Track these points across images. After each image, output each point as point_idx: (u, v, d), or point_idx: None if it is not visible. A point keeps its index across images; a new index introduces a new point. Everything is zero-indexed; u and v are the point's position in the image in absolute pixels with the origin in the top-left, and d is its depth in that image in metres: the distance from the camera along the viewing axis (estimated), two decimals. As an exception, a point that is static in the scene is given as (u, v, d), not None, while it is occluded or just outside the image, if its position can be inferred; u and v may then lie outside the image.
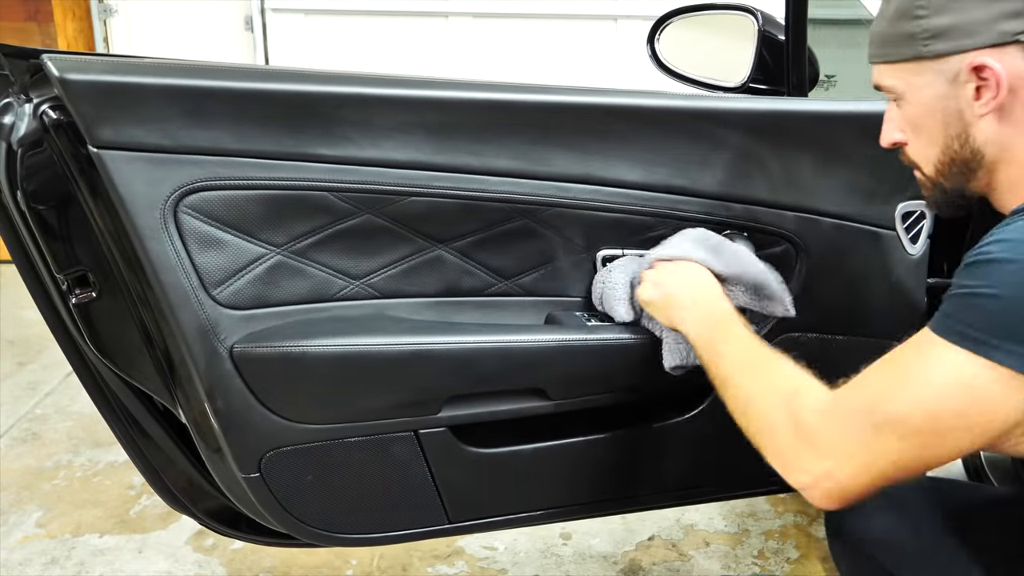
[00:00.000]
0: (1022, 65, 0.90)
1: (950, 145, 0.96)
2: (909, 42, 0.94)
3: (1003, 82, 0.89)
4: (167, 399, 1.29)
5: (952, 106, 0.94)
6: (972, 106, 0.93)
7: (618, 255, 1.32)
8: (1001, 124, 0.93)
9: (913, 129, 1.00)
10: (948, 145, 0.97)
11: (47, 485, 2.37)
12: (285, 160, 1.13)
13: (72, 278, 1.18)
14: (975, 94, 0.92)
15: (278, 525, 1.29)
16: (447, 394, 1.24)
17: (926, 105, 0.96)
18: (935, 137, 0.98)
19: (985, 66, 0.90)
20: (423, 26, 4.32)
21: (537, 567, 2.02)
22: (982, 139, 0.94)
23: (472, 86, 1.20)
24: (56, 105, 1.06)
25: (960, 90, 0.93)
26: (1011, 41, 0.89)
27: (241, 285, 1.14)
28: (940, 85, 0.94)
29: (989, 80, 0.90)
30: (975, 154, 0.95)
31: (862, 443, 0.89)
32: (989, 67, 0.89)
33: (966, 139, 0.95)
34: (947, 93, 0.94)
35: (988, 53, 0.90)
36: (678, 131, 1.27)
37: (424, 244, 1.23)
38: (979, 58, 0.90)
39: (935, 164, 1.00)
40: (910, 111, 0.99)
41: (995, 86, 0.90)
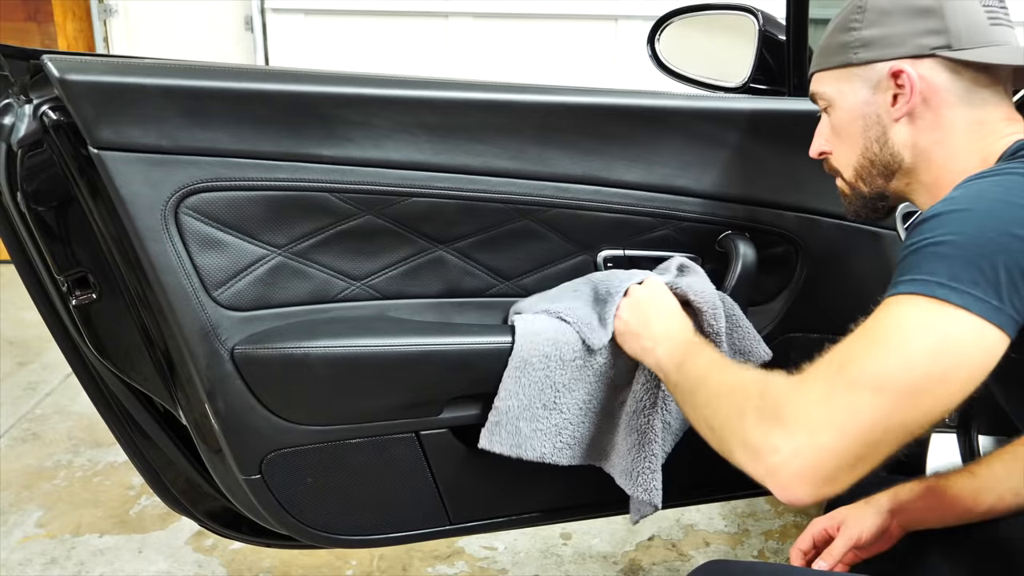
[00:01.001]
0: (934, 77, 1.00)
1: (870, 147, 1.05)
2: (842, 51, 1.05)
3: (915, 87, 0.99)
4: (167, 400, 1.29)
5: (873, 111, 1.04)
6: (889, 111, 1.02)
7: (619, 255, 1.32)
8: (915, 129, 1.02)
9: (837, 135, 1.09)
10: (868, 147, 1.05)
11: (47, 485, 2.37)
12: (285, 161, 1.13)
13: (72, 279, 1.18)
14: (892, 100, 1.02)
15: (279, 527, 1.28)
16: (448, 395, 1.24)
17: (851, 110, 1.06)
18: (856, 140, 1.06)
19: (902, 71, 1.00)
20: (423, 26, 4.32)
21: (537, 567, 2.02)
22: (899, 142, 1.03)
23: (472, 86, 1.20)
24: (56, 106, 1.06)
25: (880, 96, 1.03)
26: (928, 54, 0.99)
27: (242, 286, 1.14)
28: (864, 91, 1.04)
29: (904, 86, 1.00)
30: (893, 156, 1.04)
31: (834, 406, 0.81)
32: (905, 72, 1.00)
33: (884, 142, 1.04)
34: (869, 99, 1.04)
35: (907, 62, 1.00)
36: (678, 131, 1.27)
37: (425, 245, 1.23)
38: (898, 64, 1.00)
39: (855, 168, 1.08)
40: (837, 117, 1.08)
41: (909, 91, 1.00)
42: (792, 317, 1.36)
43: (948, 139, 1.01)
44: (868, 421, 0.81)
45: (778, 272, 1.35)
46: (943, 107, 1.00)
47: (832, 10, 1.15)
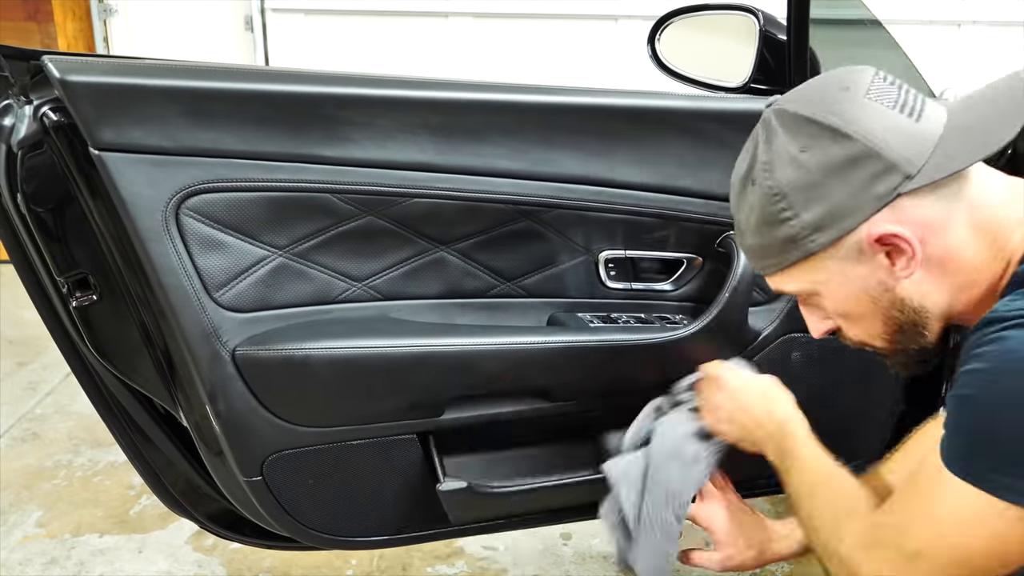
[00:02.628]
0: (918, 214, 0.85)
1: (889, 316, 0.92)
2: (792, 245, 0.89)
3: (911, 239, 0.85)
4: (168, 402, 1.29)
5: (874, 281, 0.89)
6: (892, 273, 0.88)
7: (620, 256, 1.32)
8: (926, 273, 0.88)
9: (845, 317, 0.95)
10: (889, 317, 0.92)
11: (47, 485, 2.36)
12: (287, 161, 1.12)
13: (72, 281, 1.18)
14: (889, 261, 0.87)
15: (280, 528, 1.28)
16: (449, 396, 1.24)
17: (845, 292, 0.92)
18: (872, 316, 0.93)
19: (884, 234, 0.85)
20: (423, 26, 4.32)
21: (537, 567, 2.02)
22: (917, 296, 0.90)
23: (473, 87, 1.20)
24: (57, 107, 1.05)
25: (870, 264, 0.88)
26: (893, 199, 0.84)
27: (243, 287, 1.14)
28: (847, 268, 0.89)
29: (897, 243, 0.86)
30: (918, 313, 0.91)
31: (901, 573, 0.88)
32: (889, 233, 0.85)
33: (901, 304, 0.90)
34: (859, 273, 0.89)
35: (879, 220, 0.85)
36: (680, 131, 1.27)
37: (426, 246, 1.23)
38: (874, 228, 0.86)
39: (884, 338, 0.95)
40: (832, 304, 0.94)
41: (906, 245, 0.86)
42: (793, 317, 1.36)
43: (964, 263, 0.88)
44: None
45: None
46: (944, 234, 0.86)
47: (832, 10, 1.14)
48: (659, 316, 1.34)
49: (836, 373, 1.40)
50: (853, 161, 0.85)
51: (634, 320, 1.32)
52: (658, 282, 1.36)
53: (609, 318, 1.31)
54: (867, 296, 0.91)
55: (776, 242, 0.90)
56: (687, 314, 1.35)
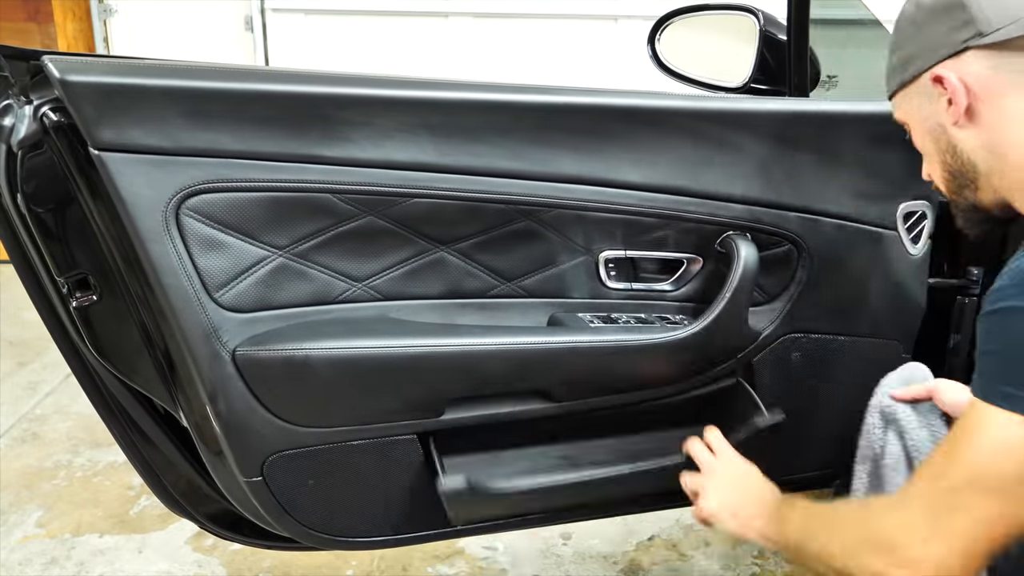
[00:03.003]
0: (979, 70, 0.93)
1: (944, 160, 1.01)
2: (895, 73, 1.03)
3: (959, 88, 0.94)
4: (168, 402, 1.29)
5: (935, 122, 0.99)
6: (947, 117, 0.97)
7: (620, 256, 1.32)
8: (978, 130, 0.96)
9: (923, 153, 1.05)
10: (943, 160, 1.01)
11: (47, 485, 2.37)
12: (287, 161, 1.12)
13: (72, 281, 1.18)
14: (947, 105, 0.96)
15: (280, 529, 1.28)
16: (450, 396, 1.24)
17: (919, 126, 1.03)
18: (933, 155, 1.02)
19: (942, 77, 0.95)
20: (423, 26, 4.32)
21: (537, 567, 2.02)
22: (968, 148, 0.97)
23: (473, 87, 1.20)
24: (56, 107, 1.05)
25: (936, 105, 0.98)
26: (962, 49, 0.94)
27: (243, 288, 1.14)
28: (923, 105, 1.00)
29: (948, 89, 0.95)
30: (965, 165, 0.99)
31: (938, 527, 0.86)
32: (945, 77, 0.95)
33: (954, 150, 0.99)
34: (928, 111, 1.00)
35: (947, 65, 0.95)
36: (679, 132, 1.27)
37: (426, 246, 1.23)
38: (937, 70, 0.96)
39: (943, 182, 1.04)
40: (915, 137, 1.05)
41: (954, 93, 0.95)
42: (794, 317, 1.36)
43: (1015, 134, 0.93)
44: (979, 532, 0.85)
45: (779, 272, 1.35)
46: (998, 98, 0.93)
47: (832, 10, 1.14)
48: (659, 316, 1.34)
49: (836, 373, 1.40)
50: (947, 9, 0.94)
51: (634, 320, 1.31)
52: (658, 282, 1.36)
53: (609, 318, 1.31)
54: (931, 135, 1.01)
55: (889, 68, 1.04)
56: (687, 314, 1.35)
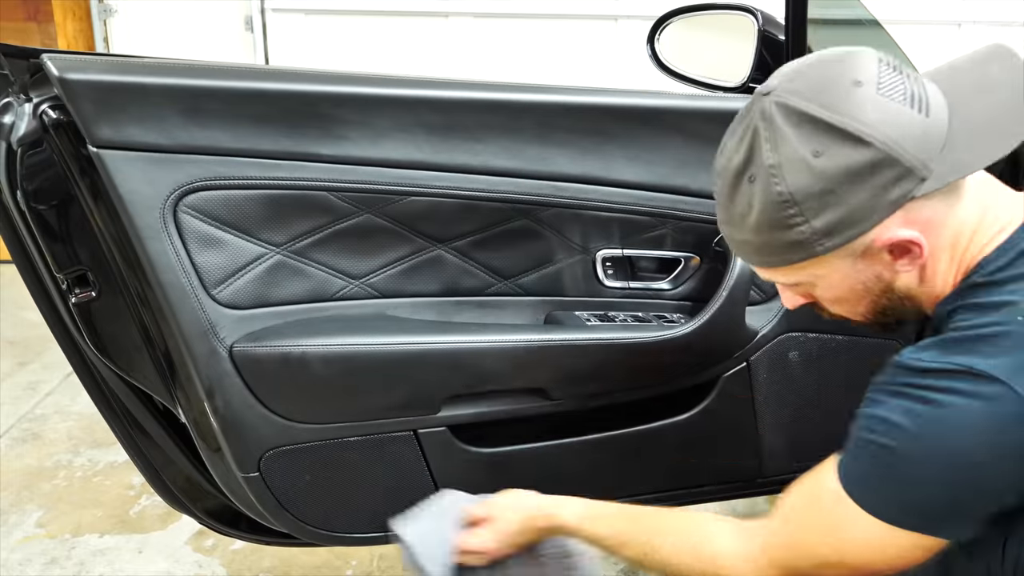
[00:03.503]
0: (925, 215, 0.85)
1: (878, 301, 0.93)
2: (799, 247, 0.87)
3: (922, 243, 0.85)
4: (167, 398, 1.29)
5: (872, 274, 0.90)
6: (892, 268, 0.89)
7: (617, 255, 1.32)
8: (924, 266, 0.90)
9: (833, 302, 0.96)
10: (876, 302, 0.94)
11: (47, 485, 2.37)
12: (284, 160, 1.13)
13: (72, 278, 1.18)
14: (891, 257, 0.88)
15: (277, 524, 1.29)
16: (446, 394, 1.24)
17: (841, 285, 0.92)
18: (859, 300, 0.94)
19: (897, 240, 0.85)
20: (423, 26, 4.32)
21: (537, 567, 2.02)
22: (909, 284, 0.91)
23: (471, 86, 1.20)
24: (56, 105, 1.06)
25: (874, 260, 0.88)
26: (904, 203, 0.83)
27: (241, 285, 1.15)
28: (847, 265, 0.89)
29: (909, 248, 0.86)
30: (908, 298, 0.93)
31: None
32: (902, 239, 0.85)
33: (892, 291, 0.92)
34: (861, 267, 0.89)
35: (890, 223, 0.84)
36: (678, 131, 1.27)
37: (424, 244, 1.23)
38: (885, 233, 0.85)
39: (866, 315, 0.97)
40: (825, 293, 0.95)
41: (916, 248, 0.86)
42: (791, 316, 1.36)
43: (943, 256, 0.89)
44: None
45: None
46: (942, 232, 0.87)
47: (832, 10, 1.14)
48: (656, 315, 1.34)
49: (833, 371, 1.40)
50: (872, 167, 0.82)
51: (631, 319, 1.32)
52: (656, 281, 1.36)
53: (606, 317, 1.31)
54: (862, 286, 0.91)
55: (780, 244, 0.88)
56: (684, 313, 1.35)
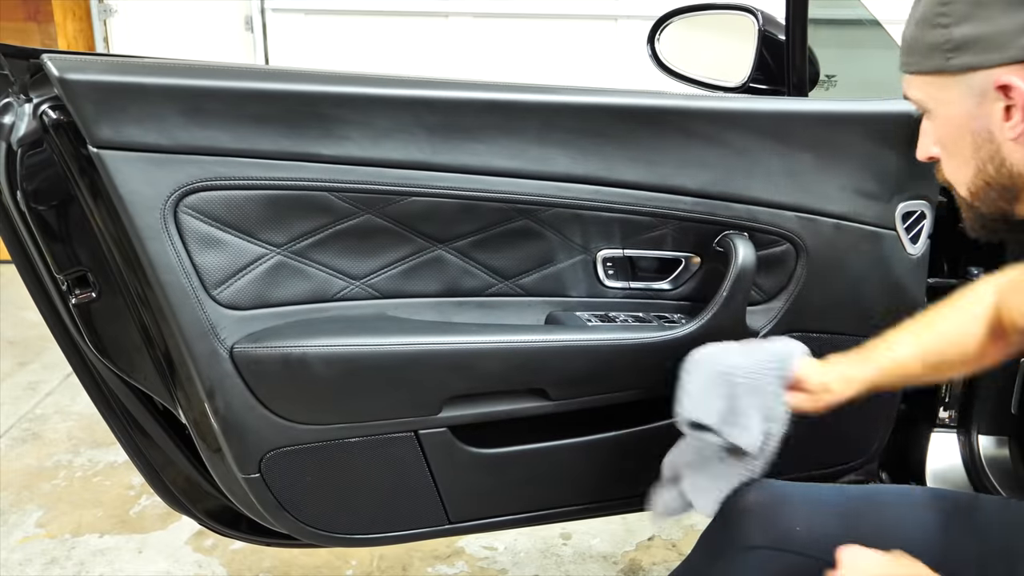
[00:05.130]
0: None
1: (984, 168, 0.88)
2: (933, 53, 0.86)
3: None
4: (167, 399, 1.29)
5: (982, 126, 0.85)
6: (1002, 127, 0.84)
7: (618, 255, 1.32)
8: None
9: (944, 148, 0.92)
10: (981, 168, 0.88)
11: (47, 485, 2.37)
12: (285, 160, 1.13)
13: (72, 278, 1.18)
14: (1004, 114, 0.83)
15: (278, 525, 1.29)
16: (447, 394, 1.24)
17: (954, 123, 0.88)
18: (967, 158, 0.88)
19: (1011, 86, 0.81)
20: (423, 26, 4.33)
21: (537, 567, 2.02)
22: (1019, 162, 0.85)
23: (471, 86, 1.20)
24: (56, 105, 1.06)
25: (989, 108, 0.84)
26: None
27: (241, 285, 1.14)
28: (967, 102, 0.85)
29: (1016, 101, 0.81)
30: (1013, 179, 0.86)
31: None
32: (1015, 87, 0.81)
33: (1001, 162, 0.86)
34: (975, 112, 0.85)
35: (1016, 71, 0.80)
36: (678, 131, 1.27)
37: (424, 244, 1.23)
38: (1005, 76, 0.81)
39: (969, 187, 0.91)
40: (940, 129, 0.91)
41: (1022, 108, 0.81)
42: (792, 317, 1.36)
43: None
44: None
45: (777, 272, 1.35)
46: None
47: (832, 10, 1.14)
48: (657, 315, 1.34)
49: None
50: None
51: (632, 319, 1.32)
52: (656, 281, 1.36)
53: (607, 317, 1.31)
54: (971, 138, 0.87)
55: (922, 44, 0.86)
56: (685, 313, 1.35)
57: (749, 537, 1.06)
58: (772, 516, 1.07)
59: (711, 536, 1.14)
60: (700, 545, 1.15)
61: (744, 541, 1.06)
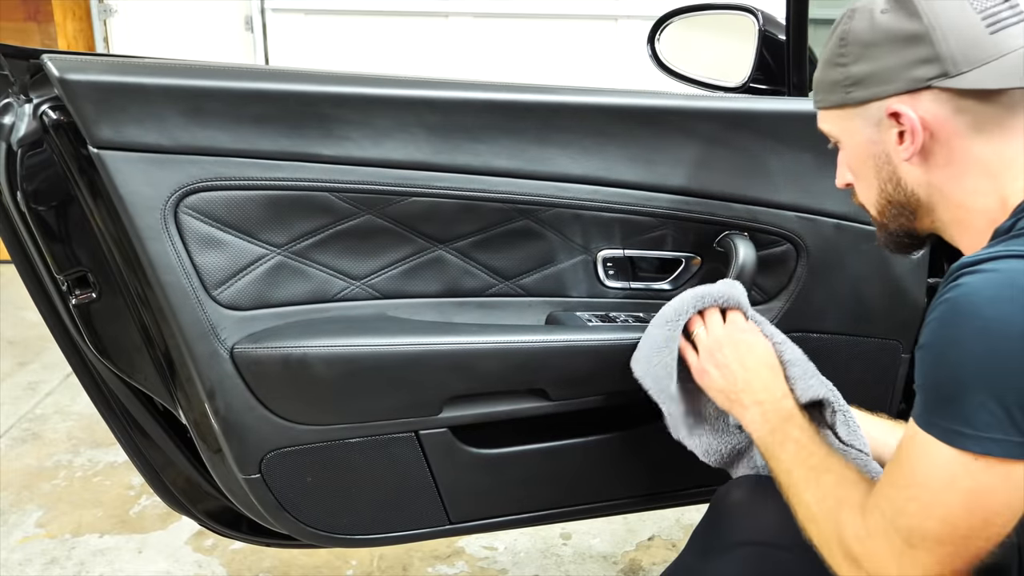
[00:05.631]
0: (938, 110, 0.90)
1: (884, 188, 0.98)
2: (835, 88, 0.97)
3: (917, 128, 0.91)
4: (167, 400, 1.29)
5: (881, 150, 0.96)
6: (897, 150, 0.94)
7: (618, 255, 1.32)
8: (927, 167, 0.93)
9: (855, 174, 1.02)
10: (883, 188, 0.98)
11: (47, 485, 2.37)
12: (285, 160, 1.13)
13: (72, 279, 1.18)
14: (898, 139, 0.93)
15: (278, 526, 1.29)
16: (448, 395, 1.24)
17: (858, 150, 0.99)
18: (871, 181, 1.00)
19: (900, 113, 0.91)
20: (423, 26, 4.33)
21: (537, 567, 2.02)
22: (912, 181, 0.95)
23: (472, 86, 1.20)
24: (56, 105, 1.06)
25: (885, 135, 0.95)
26: (924, 87, 0.90)
27: (242, 286, 1.14)
28: (868, 131, 0.96)
29: (906, 126, 0.91)
30: (909, 197, 0.97)
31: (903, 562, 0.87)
32: (903, 114, 0.91)
33: (897, 182, 0.96)
34: (875, 138, 0.96)
35: (903, 100, 0.91)
36: (678, 131, 1.27)
37: (425, 244, 1.23)
38: (895, 105, 0.92)
39: (875, 206, 1.02)
40: (849, 157, 1.02)
41: (911, 132, 0.91)
42: (792, 317, 1.36)
43: (962, 175, 0.92)
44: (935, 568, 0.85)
45: (778, 272, 1.35)
46: (954, 139, 0.91)
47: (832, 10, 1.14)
48: (658, 315, 1.34)
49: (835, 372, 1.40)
50: (910, 39, 0.90)
51: (632, 319, 1.32)
52: (657, 281, 1.36)
53: (607, 317, 1.31)
54: (873, 161, 0.98)
55: (827, 81, 0.99)
56: (686, 313, 1.35)
57: (740, 534, 1.08)
58: (763, 512, 1.09)
59: (702, 533, 1.16)
60: (692, 542, 1.16)
61: (735, 538, 1.08)
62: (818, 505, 0.97)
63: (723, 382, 1.14)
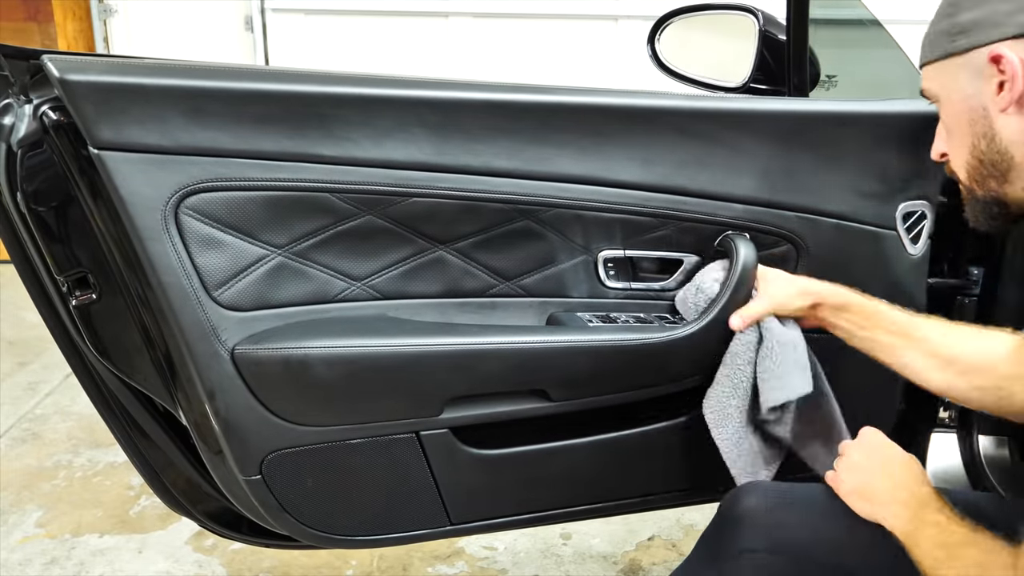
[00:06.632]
0: None
1: (977, 145, 0.96)
2: (942, 40, 0.96)
3: (1018, 72, 0.89)
4: (167, 401, 1.29)
5: (978, 103, 0.94)
6: (995, 101, 0.92)
7: (619, 256, 1.32)
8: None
9: (949, 133, 1.00)
10: (975, 145, 0.96)
11: (47, 485, 2.37)
12: (286, 160, 1.12)
13: (72, 280, 1.18)
14: (998, 89, 0.91)
15: (279, 527, 1.28)
16: (448, 395, 1.24)
17: (956, 105, 0.97)
18: (964, 139, 0.97)
19: (1002, 56, 0.89)
20: (423, 26, 4.33)
21: (537, 567, 2.02)
22: (1007, 137, 0.93)
23: (472, 86, 1.20)
24: (56, 106, 1.06)
25: (985, 85, 0.93)
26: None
27: (242, 286, 1.14)
28: (967, 82, 0.94)
29: (1007, 72, 0.90)
30: (1002, 154, 0.94)
31: None
32: (1006, 58, 0.89)
33: (992, 137, 0.94)
34: (974, 90, 0.94)
35: (1008, 44, 0.90)
36: (678, 131, 1.27)
37: (425, 245, 1.23)
38: (997, 48, 0.90)
39: (966, 168, 0.99)
40: (945, 113, 1.00)
41: (1012, 77, 0.89)
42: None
43: None
44: None
45: None
46: None
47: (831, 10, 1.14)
48: (658, 316, 1.34)
49: (835, 372, 1.40)
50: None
51: (633, 320, 1.32)
52: (657, 282, 1.36)
53: (608, 318, 1.31)
54: (968, 116, 0.96)
55: (935, 33, 0.98)
56: (686, 313, 1.35)
57: (747, 540, 1.07)
58: (770, 519, 1.09)
59: (710, 539, 1.15)
60: (699, 548, 1.16)
61: (742, 544, 1.07)
62: None
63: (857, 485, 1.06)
